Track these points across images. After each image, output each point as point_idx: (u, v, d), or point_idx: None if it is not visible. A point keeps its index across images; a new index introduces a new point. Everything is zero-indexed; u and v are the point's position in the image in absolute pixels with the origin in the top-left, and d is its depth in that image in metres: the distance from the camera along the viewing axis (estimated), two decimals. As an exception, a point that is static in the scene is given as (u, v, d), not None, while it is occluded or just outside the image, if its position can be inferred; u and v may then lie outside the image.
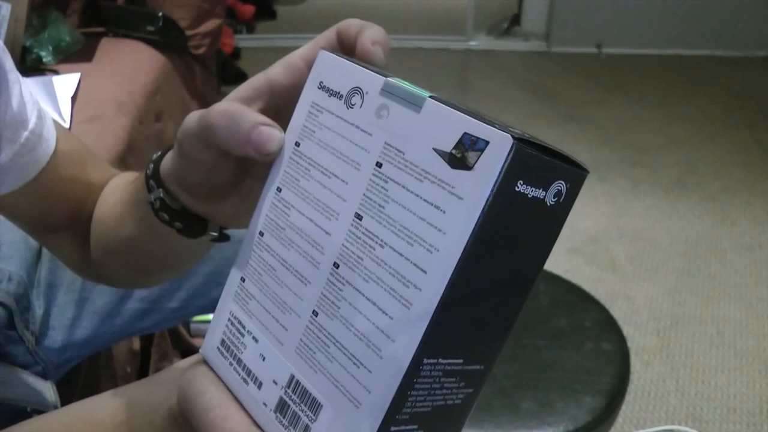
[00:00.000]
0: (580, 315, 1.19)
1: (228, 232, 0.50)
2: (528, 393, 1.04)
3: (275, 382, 0.36)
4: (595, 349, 1.12)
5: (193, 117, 0.41)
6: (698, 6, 3.53)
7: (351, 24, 0.40)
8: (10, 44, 1.46)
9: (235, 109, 0.39)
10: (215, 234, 0.49)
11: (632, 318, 1.90)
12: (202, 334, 1.46)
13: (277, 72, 0.41)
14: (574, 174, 0.32)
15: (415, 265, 0.31)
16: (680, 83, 3.34)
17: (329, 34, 0.41)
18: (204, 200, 0.46)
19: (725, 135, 2.86)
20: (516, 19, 3.89)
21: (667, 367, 1.75)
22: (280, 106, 0.40)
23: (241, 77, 2.96)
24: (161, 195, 0.46)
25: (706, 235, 2.25)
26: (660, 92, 3.25)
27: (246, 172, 0.45)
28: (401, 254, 0.32)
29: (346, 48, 0.40)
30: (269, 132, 0.38)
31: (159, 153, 0.48)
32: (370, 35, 0.39)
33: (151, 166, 0.47)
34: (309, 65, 0.40)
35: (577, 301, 1.23)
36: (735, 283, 2.04)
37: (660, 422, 1.60)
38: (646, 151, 2.75)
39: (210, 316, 0.42)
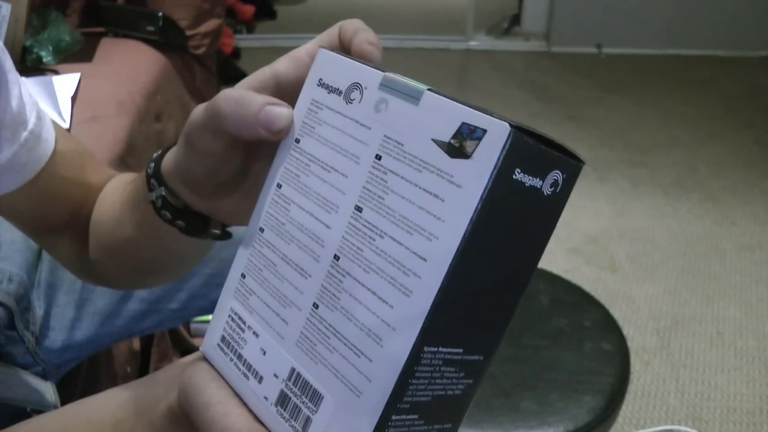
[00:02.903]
0: (580, 315, 1.19)
1: (230, 230, 0.50)
2: (528, 393, 1.04)
3: (276, 376, 0.36)
4: (595, 349, 1.12)
5: (200, 108, 0.41)
6: (698, 6, 3.54)
7: (348, 25, 0.41)
8: (10, 44, 1.46)
9: (241, 93, 0.40)
10: (217, 232, 0.49)
11: (632, 318, 1.90)
12: (202, 334, 1.46)
13: (282, 65, 0.42)
14: (571, 165, 0.32)
15: (414, 253, 0.31)
16: (680, 83, 3.34)
17: (332, 32, 0.42)
18: (207, 197, 0.46)
19: (725, 135, 2.87)
20: (516, 19, 3.89)
21: (667, 367, 1.75)
22: (284, 98, 0.40)
23: (241, 77, 2.93)
24: (163, 193, 0.46)
25: (706, 235, 2.25)
26: (660, 92, 3.26)
27: (249, 167, 0.45)
28: (401, 243, 0.32)
29: (344, 47, 0.41)
30: (277, 109, 0.39)
31: (159, 152, 0.48)
32: (366, 36, 0.40)
33: (152, 164, 0.47)
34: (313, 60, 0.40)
35: (577, 301, 1.23)
36: (735, 283, 2.04)
37: (660, 422, 1.60)
38: (646, 151, 2.75)
39: (210, 317, 0.42)
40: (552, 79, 3.41)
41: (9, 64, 0.56)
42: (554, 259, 2.06)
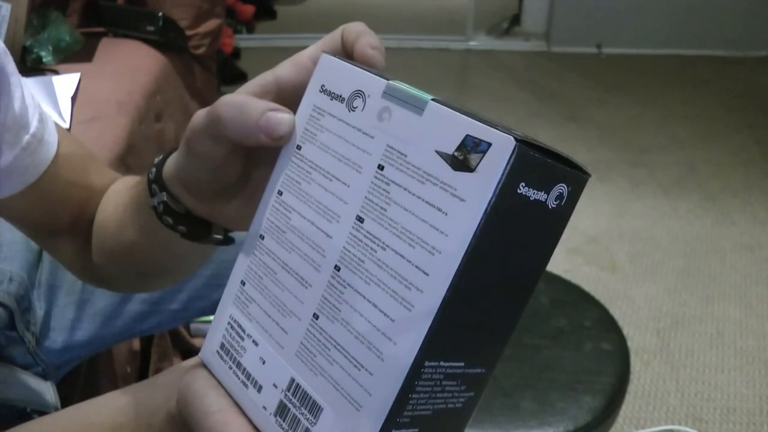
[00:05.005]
0: (580, 315, 1.19)
1: (232, 234, 0.50)
2: (528, 393, 1.04)
3: (275, 386, 0.36)
4: (595, 349, 1.12)
5: (201, 113, 0.41)
6: (698, 6, 3.53)
7: (351, 29, 0.41)
8: (10, 44, 1.46)
9: (242, 98, 0.39)
10: (219, 237, 0.49)
11: (632, 318, 1.90)
12: (202, 334, 1.46)
13: (284, 69, 0.41)
14: (576, 177, 0.32)
15: (416, 267, 0.31)
16: (680, 83, 3.34)
17: (334, 36, 0.41)
18: (208, 202, 0.46)
19: (725, 135, 2.87)
20: (516, 19, 3.89)
21: (667, 367, 1.75)
22: (287, 103, 0.40)
23: (241, 77, 2.95)
24: (164, 198, 0.46)
25: (706, 235, 2.25)
26: (660, 92, 3.25)
27: (251, 172, 0.45)
28: (403, 256, 0.32)
29: (347, 52, 0.40)
30: (278, 116, 0.38)
31: (161, 157, 0.48)
32: (368, 40, 0.39)
33: (153, 170, 0.47)
34: (316, 64, 0.40)
35: (577, 301, 1.23)
36: (735, 283, 2.04)
37: (660, 422, 1.60)
38: (646, 151, 2.75)
39: (211, 317, 0.43)
40: (552, 79, 3.41)
41: (11, 67, 0.56)
42: (554, 259, 2.03)
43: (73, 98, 1.44)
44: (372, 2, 4.26)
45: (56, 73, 1.55)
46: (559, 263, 2.06)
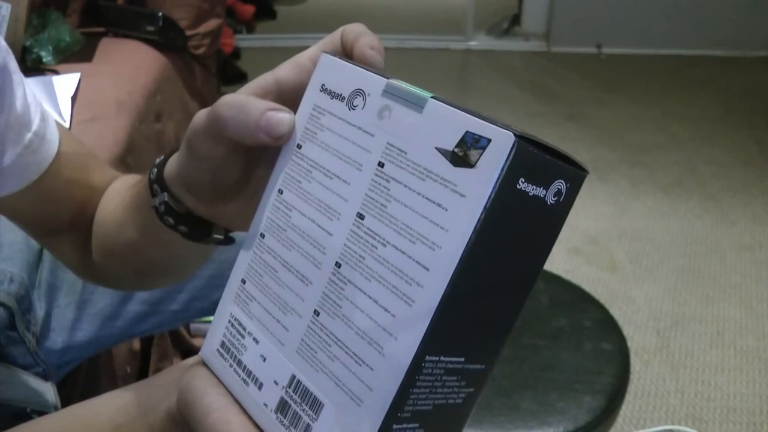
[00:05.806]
0: (580, 315, 1.19)
1: (232, 234, 0.50)
2: (528, 393, 1.04)
3: (276, 383, 0.36)
4: (595, 349, 1.12)
5: (201, 114, 0.41)
6: (698, 6, 3.53)
7: (350, 30, 0.41)
8: (10, 44, 1.45)
9: (242, 98, 0.39)
10: (220, 237, 0.49)
11: (632, 318, 1.90)
12: (202, 334, 1.46)
13: (284, 70, 0.41)
14: (575, 174, 0.32)
15: (417, 262, 0.31)
16: (680, 83, 3.34)
17: (334, 36, 0.42)
18: (209, 202, 0.46)
19: (725, 135, 2.87)
20: (516, 19, 3.89)
21: (667, 367, 1.75)
22: (287, 103, 0.40)
23: (241, 77, 2.96)
24: (165, 199, 0.46)
25: (706, 235, 2.25)
26: (660, 92, 3.25)
27: (251, 172, 0.45)
28: (403, 252, 0.32)
29: (346, 52, 0.41)
30: (279, 115, 0.38)
31: (162, 157, 0.48)
32: (367, 41, 0.40)
33: (155, 170, 0.47)
34: (316, 65, 0.40)
35: (577, 301, 1.23)
36: (735, 283, 2.04)
37: (660, 422, 1.60)
38: (646, 151, 2.75)
39: (211, 318, 0.43)
40: (552, 79, 3.41)
41: (13, 65, 0.56)
42: (554, 259, 2.06)
43: (73, 98, 1.44)
44: (372, 2, 4.26)
45: (56, 73, 1.55)
46: (559, 263, 2.06)
